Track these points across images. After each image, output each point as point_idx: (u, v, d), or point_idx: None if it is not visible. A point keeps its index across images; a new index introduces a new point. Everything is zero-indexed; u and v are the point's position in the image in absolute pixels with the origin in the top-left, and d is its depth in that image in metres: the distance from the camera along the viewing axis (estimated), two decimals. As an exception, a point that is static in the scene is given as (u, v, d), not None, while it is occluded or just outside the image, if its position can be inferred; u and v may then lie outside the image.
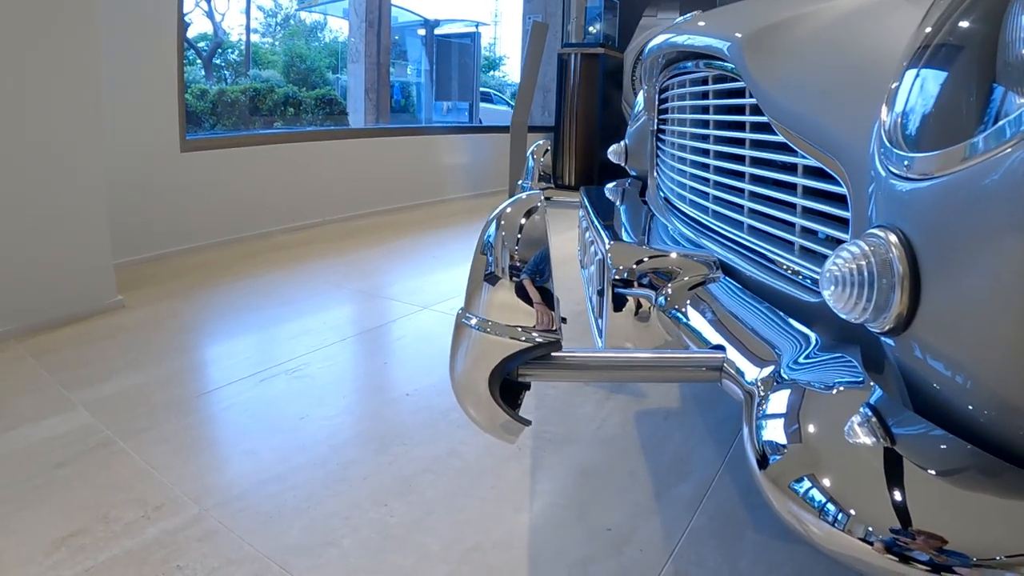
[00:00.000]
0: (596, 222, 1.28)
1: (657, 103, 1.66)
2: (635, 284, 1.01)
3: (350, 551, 1.19)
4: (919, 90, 0.62)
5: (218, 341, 2.27)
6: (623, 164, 2.06)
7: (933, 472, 0.50)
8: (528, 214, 0.79)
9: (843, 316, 0.58)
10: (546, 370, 0.76)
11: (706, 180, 1.23)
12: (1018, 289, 0.48)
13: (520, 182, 1.93)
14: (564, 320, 0.84)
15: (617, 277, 1.01)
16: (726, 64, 1.09)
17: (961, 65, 0.62)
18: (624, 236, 1.32)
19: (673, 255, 1.05)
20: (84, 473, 1.40)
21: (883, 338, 0.59)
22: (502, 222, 0.79)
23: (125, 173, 2.92)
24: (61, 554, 1.15)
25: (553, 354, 0.75)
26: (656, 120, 1.69)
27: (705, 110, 1.24)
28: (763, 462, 0.57)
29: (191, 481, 1.38)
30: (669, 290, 0.99)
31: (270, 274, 3.03)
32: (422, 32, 8.19)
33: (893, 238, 0.55)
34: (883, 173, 0.61)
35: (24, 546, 1.17)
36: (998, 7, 0.60)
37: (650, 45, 1.60)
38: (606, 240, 1.10)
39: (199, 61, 7.75)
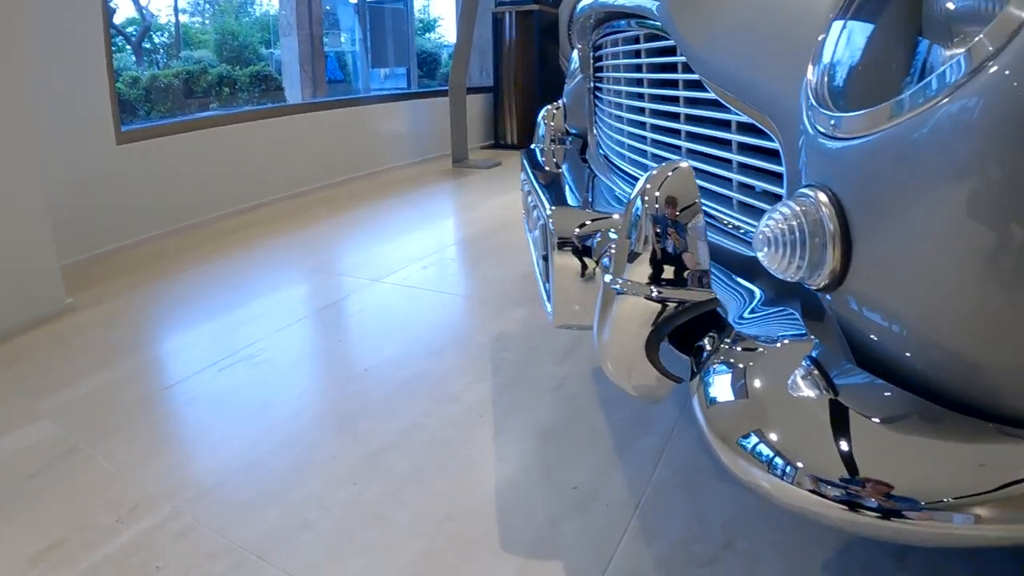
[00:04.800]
0: (537, 186, 1.28)
1: (592, 62, 1.66)
2: (579, 247, 1.02)
3: (325, 532, 1.21)
4: (845, 45, 0.63)
5: (174, 334, 2.24)
6: (563, 124, 2.06)
7: (875, 421, 0.53)
8: (670, 181, 0.75)
9: (778, 275, 0.60)
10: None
11: (644, 139, 1.24)
12: (943, 239, 0.51)
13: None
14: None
15: (560, 241, 1.02)
16: (656, 23, 1.10)
17: (887, 19, 0.63)
18: (569, 198, 1.33)
19: (615, 216, 1.06)
20: (57, 482, 1.38)
21: (819, 294, 0.61)
22: (645, 196, 0.75)
23: (62, 171, 2.83)
24: (40, 569, 1.14)
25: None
26: (592, 79, 1.69)
27: (639, 68, 1.25)
28: (710, 419, 0.59)
29: (162, 479, 1.38)
30: (612, 250, 1.01)
31: (218, 260, 2.99)
32: (354, 0, 7.99)
33: (823, 197, 0.57)
34: (811, 131, 0.62)
35: (3, 564, 1.16)
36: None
37: (579, 6, 1.59)
38: (547, 205, 1.10)
39: (128, 47, 7.44)
